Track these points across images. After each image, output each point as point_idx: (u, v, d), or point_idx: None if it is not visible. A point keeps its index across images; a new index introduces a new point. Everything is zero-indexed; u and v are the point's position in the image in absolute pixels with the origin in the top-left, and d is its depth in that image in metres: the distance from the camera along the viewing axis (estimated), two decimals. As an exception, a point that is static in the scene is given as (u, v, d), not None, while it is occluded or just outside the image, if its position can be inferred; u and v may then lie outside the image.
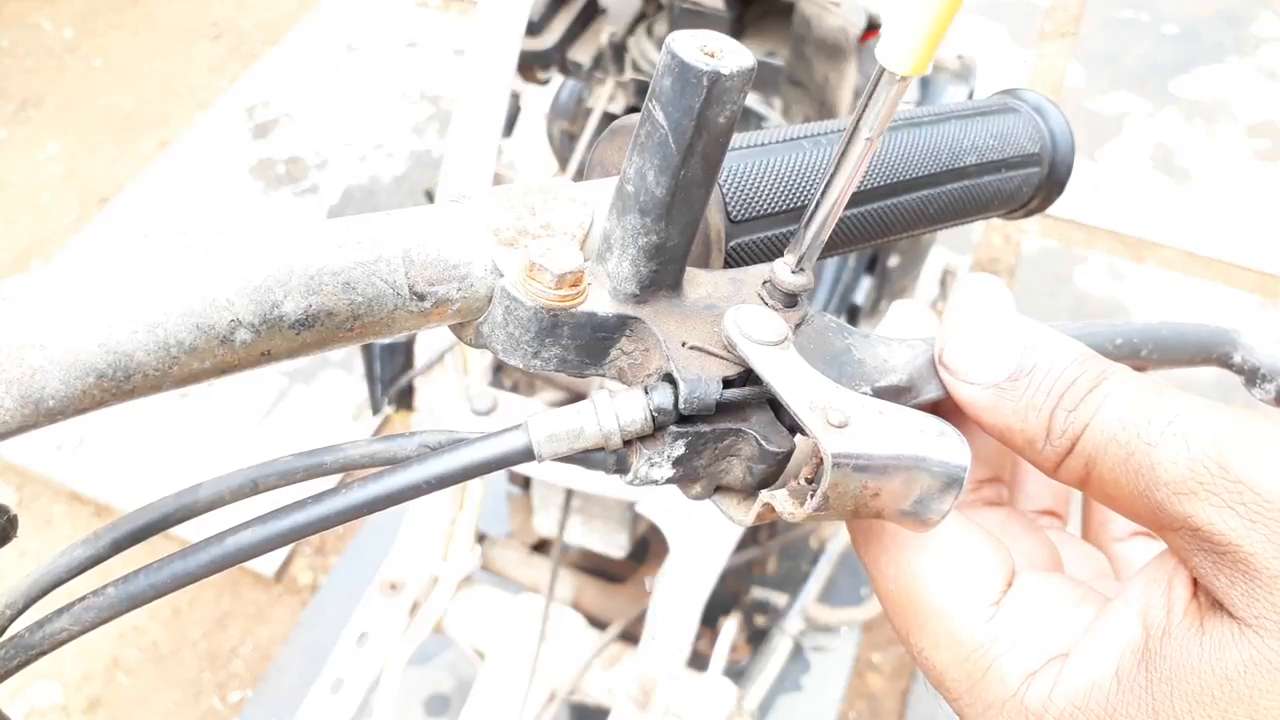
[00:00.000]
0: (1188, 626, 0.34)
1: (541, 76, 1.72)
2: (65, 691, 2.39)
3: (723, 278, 0.42)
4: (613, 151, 0.45)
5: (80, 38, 4.22)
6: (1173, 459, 0.34)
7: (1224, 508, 0.32)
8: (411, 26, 4.28)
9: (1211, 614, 0.34)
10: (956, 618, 0.39)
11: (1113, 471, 0.36)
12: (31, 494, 2.74)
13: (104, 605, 0.35)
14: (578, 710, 1.99)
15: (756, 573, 2.28)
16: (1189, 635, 0.34)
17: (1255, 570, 0.32)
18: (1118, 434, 0.35)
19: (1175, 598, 0.35)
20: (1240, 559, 0.32)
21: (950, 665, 0.39)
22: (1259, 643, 0.32)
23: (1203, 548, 0.33)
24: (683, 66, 0.33)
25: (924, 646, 0.40)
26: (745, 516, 0.38)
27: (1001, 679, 0.37)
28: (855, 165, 0.36)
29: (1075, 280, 3.29)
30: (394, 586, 1.64)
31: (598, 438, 0.37)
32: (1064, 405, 0.37)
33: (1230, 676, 0.32)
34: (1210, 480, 0.33)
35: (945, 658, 0.39)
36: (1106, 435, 0.36)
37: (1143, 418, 0.35)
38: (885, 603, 0.42)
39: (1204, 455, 0.33)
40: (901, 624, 0.41)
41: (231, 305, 0.33)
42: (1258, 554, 0.32)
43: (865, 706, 2.38)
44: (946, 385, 0.40)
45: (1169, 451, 0.34)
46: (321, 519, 0.35)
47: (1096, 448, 0.36)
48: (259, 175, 3.63)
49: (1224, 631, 0.33)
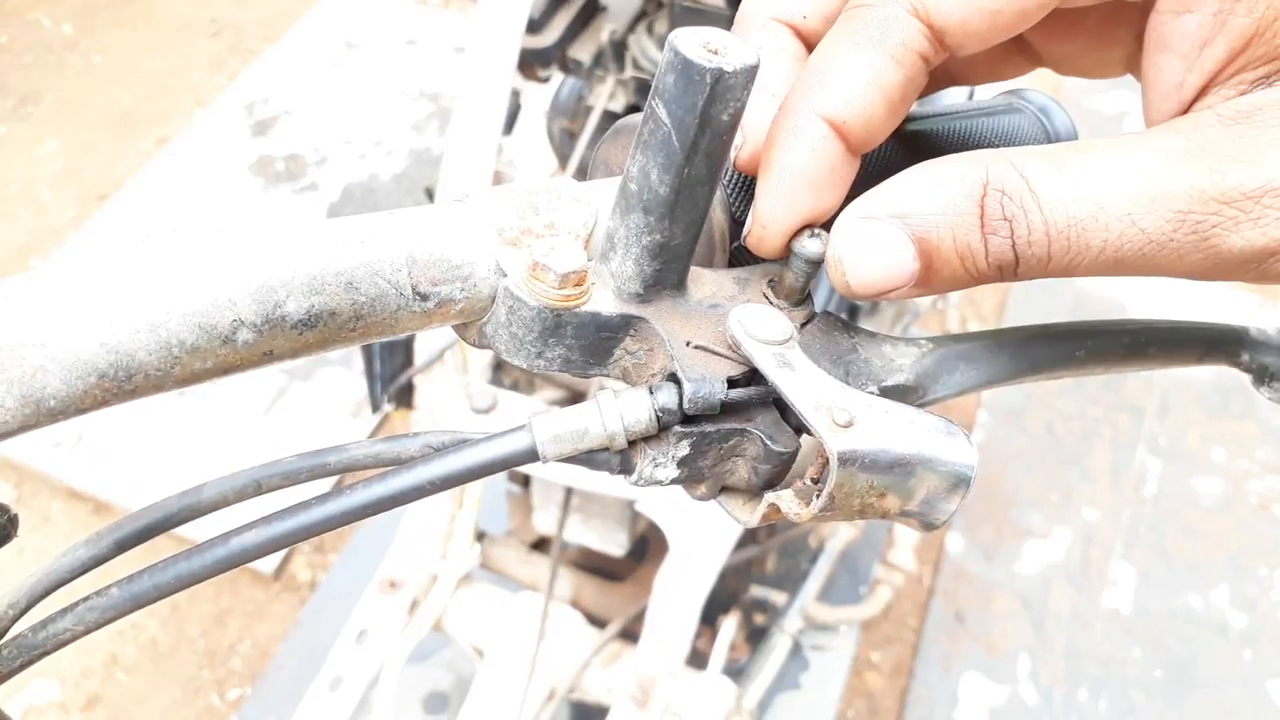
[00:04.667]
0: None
1: (542, 74, 1.72)
2: (63, 689, 2.38)
3: (727, 277, 0.41)
4: (616, 150, 0.45)
5: (79, 34, 4.21)
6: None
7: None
8: (411, 24, 4.27)
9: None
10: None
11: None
12: (30, 491, 2.73)
13: (108, 605, 0.35)
14: (577, 708, 1.99)
15: (756, 571, 2.28)
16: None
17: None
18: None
19: None
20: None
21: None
22: None
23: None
24: (686, 64, 0.32)
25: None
26: (750, 517, 0.38)
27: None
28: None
29: (1075, 279, 3.29)
30: (393, 584, 1.63)
31: (602, 438, 0.36)
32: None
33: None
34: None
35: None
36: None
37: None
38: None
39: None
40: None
41: (234, 305, 0.33)
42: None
43: (864, 705, 2.38)
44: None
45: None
46: (326, 520, 0.35)
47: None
48: (258, 172, 3.63)
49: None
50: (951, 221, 0.35)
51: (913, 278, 0.36)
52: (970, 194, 0.35)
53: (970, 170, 0.35)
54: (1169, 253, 0.34)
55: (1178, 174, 0.34)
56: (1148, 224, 0.34)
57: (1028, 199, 0.35)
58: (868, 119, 0.37)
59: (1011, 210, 0.35)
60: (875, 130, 0.37)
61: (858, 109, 0.36)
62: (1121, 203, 0.34)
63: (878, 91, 0.36)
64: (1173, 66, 0.36)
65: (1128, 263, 0.35)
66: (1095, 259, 0.35)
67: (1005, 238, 0.35)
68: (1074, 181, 0.34)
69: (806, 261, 0.39)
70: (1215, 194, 0.33)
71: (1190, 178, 0.34)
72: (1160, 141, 0.35)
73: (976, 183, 0.35)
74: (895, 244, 0.36)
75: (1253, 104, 0.34)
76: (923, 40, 0.36)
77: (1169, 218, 0.34)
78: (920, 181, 0.36)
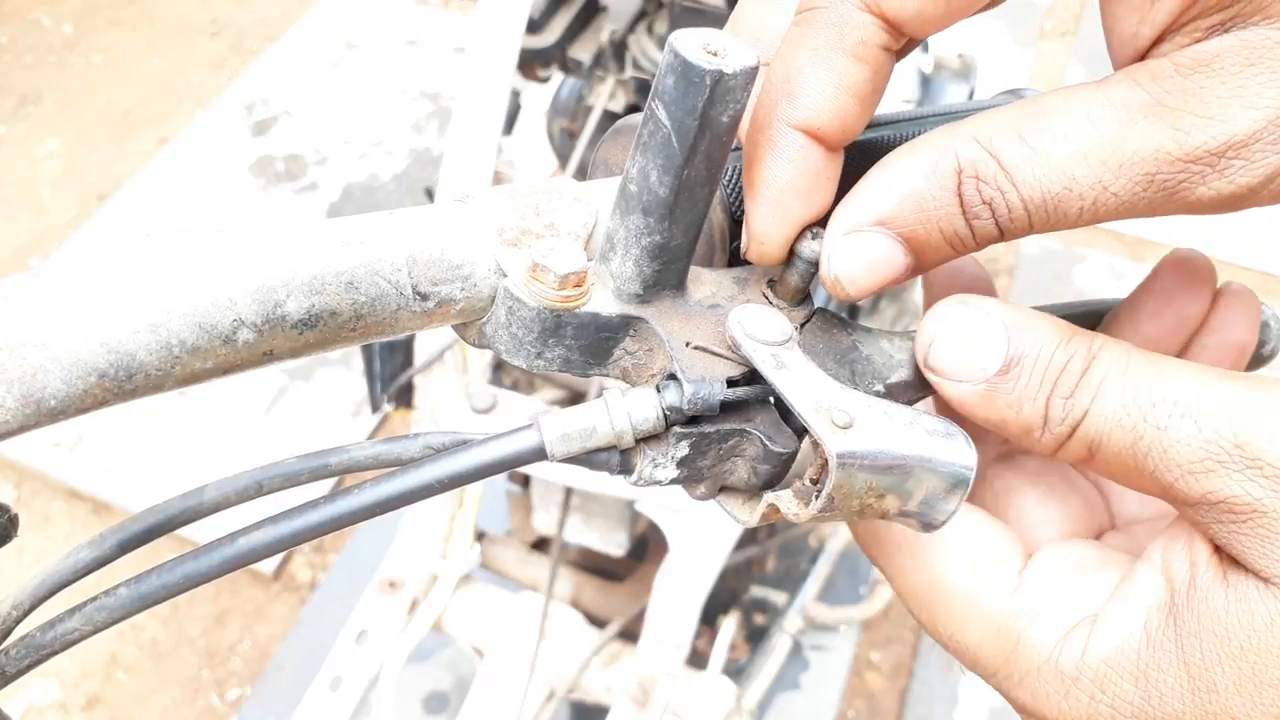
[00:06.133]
0: (1212, 580, 0.34)
1: (542, 74, 1.72)
2: (64, 689, 2.38)
3: (727, 277, 0.41)
4: (616, 151, 0.45)
5: (79, 34, 4.21)
6: (1185, 441, 0.33)
7: (1245, 481, 0.33)
8: (411, 24, 4.27)
9: (1234, 570, 0.34)
10: (982, 596, 0.39)
11: (1119, 455, 0.35)
12: (30, 491, 2.74)
13: (115, 605, 0.35)
14: (577, 708, 1.99)
15: (756, 571, 2.28)
16: (1214, 588, 0.34)
17: (1277, 532, 0.32)
18: (1122, 419, 0.35)
19: (1197, 553, 0.35)
20: (1262, 522, 0.32)
21: (983, 643, 0.39)
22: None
23: (1221, 518, 0.34)
24: (685, 66, 0.32)
25: (953, 631, 0.40)
26: (750, 517, 0.38)
27: (1034, 646, 0.37)
28: None
29: (1075, 279, 3.29)
30: (393, 584, 1.64)
31: (610, 436, 0.36)
32: (1059, 393, 0.36)
33: (1257, 628, 0.33)
34: (1228, 459, 0.33)
35: (976, 637, 0.39)
36: (1110, 420, 0.35)
37: (1146, 400, 0.35)
38: (907, 599, 0.42)
39: (1217, 435, 0.33)
40: (927, 615, 0.41)
41: (234, 305, 0.33)
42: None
43: (864, 705, 2.38)
44: (934, 385, 0.39)
45: (1180, 434, 0.34)
46: (333, 519, 0.35)
47: (1100, 433, 0.36)
48: (258, 172, 3.63)
49: (1248, 587, 0.33)
50: (934, 215, 0.36)
51: (907, 270, 0.38)
52: (945, 185, 0.36)
53: (940, 158, 0.36)
54: (1142, 207, 0.36)
55: (1142, 135, 0.34)
56: (1119, 188, 0.35)
57: (1002, 180, 0.35)
58: (842, 120, 0.37)
59: (989, 194, 0.36)
60: (851, 127, 0.37)
61: (830, 113, 0.36)
62: (1091, 172, 0.35)
63: (846, 93, 0.36)
64: (1127, 17, 0.36)
65: (1104, 218, 0.36)
66: (1074, 222, 0.36)
67: (988, 220, 0.36)
68: (1044, 155, 0.35)
69: (808, 263, 0.39)
70: (1180, 154, 0.34)
71: (1155, 140, 0.34)
72: (1120, 93, 0.35)
73: (949, 172, 0.36)
74: (885, 249, 0.37)
75: (1209, 51, 0.34)
76: (881, 34, 0.36)
77: (1138, 180, 0.35)
78: (894, 182, 0.37)
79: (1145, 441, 0.34)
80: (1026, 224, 0.36)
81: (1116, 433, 0.35)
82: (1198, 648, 0.34)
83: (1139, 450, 0.35)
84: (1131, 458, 0.35)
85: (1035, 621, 0.38)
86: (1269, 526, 0.32)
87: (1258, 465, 0.32)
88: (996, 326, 0.38)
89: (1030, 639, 0.38)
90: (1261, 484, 0.32)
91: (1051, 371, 0.36)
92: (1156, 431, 0.34)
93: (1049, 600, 0.38)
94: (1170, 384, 0.35)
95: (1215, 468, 0.33)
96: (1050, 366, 0.37)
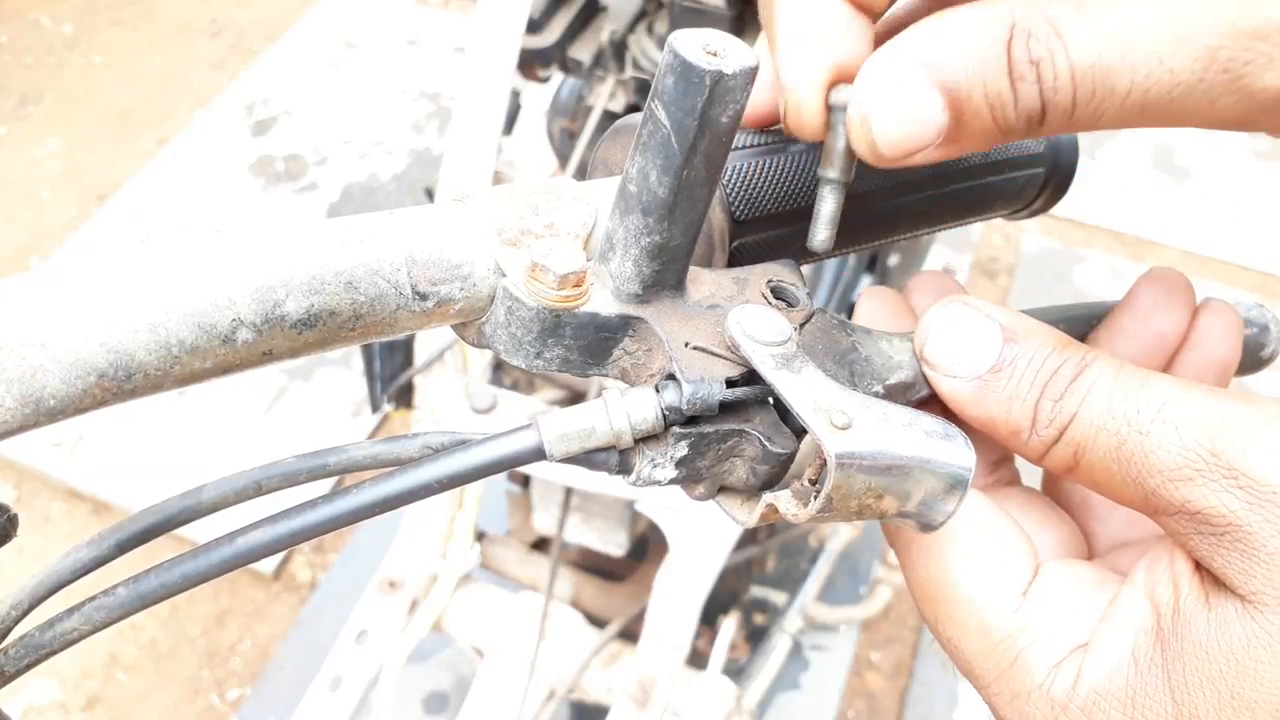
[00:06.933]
0: (1194, 602, 0.34)
1: (542, 74, 1.72)
2: (63, 689, 2.38)
3: (726, 277, 0.41)
4: (616, 151, 0.45)
5: (79, 34, 4.21)
6: (1165, 447, 0.34)
7: (1222, 491, 0.33)
8: (411, 24, 4.27)
9: (1215, 591, 0.34)
10: (986, 608, 0.39)
11: (1103, 460, 0.36)
12: (30, 491, 2.74)
13: (114, 605, 0.35)
14: (577, 708, 1.99)
15: (756, 571, 2.28)
16: (1197, 611, 0.34)
17: (1254, 548, 0.32)
18: (1107, 423, 0.35)
19: (1179, 573, 0.35)
20: (1239, 537, 0.32)
21: (979, 654, 0.39)
22: (1260, 618, 0.32)
23: (1200, 530, 0.34)
24: (685, 66, 0.32)
25: (953, 635, 0.40)
26: (749, 517, 0.38)
27: (1029, 669, 0.37)
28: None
29: (1075, 279, 3.29)
30: (393, 584, 1.64)
31: (609, 436, 0.36)
32: (1049, 395, 0.37)
33: (1235, 651, 0.33)
34: (1205, 468, 0.33)
35: (974, 647, 0.39)
36: (1095, 424, 0.35)
37: (1132, 406, 0.35)
38: (915, 591, 0.42)
39: (1196, 443, 0.33)
40: (931, 612, 0.41)
41: (233, 304, 0.33)
42: (1256, 533, 0.32)
43: (864, 705, 2.38)
44: (928, 379, 0.40)
45: (1161, 440, 0.34)
46: (332, 519, 0.35)
47: (1085, 437, 0.36)
48: (258, 172, 3.63)
49: (1228, 608, 0.33)
50: (980, 69, 0.34)
51: (941, 134, 0.35)
52: (998, 39, 0.33)
53: (995, 15, 0.34)
54: (1198, 96, 0.32)
55: (1207, 6, 0.31)
56: (1175, 63, 0.32)
57: (1053, 40, 0.33)
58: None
59: (1038, 52, 0.33)
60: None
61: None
62: (1148, 40, 0.32)
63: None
64: None
65: (1154, 108, 0.33)
66: (1121, 104, 0.33)
67: (1033, 83, 0.33)
68: (1098, 18, 0.33)
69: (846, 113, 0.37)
70: (1247, 28, 0.31)
71: (1220, 9, 0.31)
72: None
73: (1003, 27, 0.34)
74: (923, 96, 0.34)
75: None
76: None
77: (1198, 54, 0.32)
78: (946, 28, 0.34)
79: (1129, 446, 0.34)
80: (1070, 97, 0.33)
81: (1102, 436, 0.35)
82: (1182, 674, 0.34)
83: (1123, 455, 0.35)
84: (1115, 462, 0.35)
85: (1034, 644, 0.38)
86: (1246, 542, 0.32)
87: (1233, 475, 0.32)
88: (993, 326, 0.38)
89: (1026, 661, 0.38)
90: (1237, 495, 0.32)
91: (1043, 374, 0.37)
92: (1140, 436, 0.34)
93: (1049, 622, 0.38)
94: (1155, 391, 0.35)
95: (1194, 475, 0.33)
96: (1043, 369, 0.37)
